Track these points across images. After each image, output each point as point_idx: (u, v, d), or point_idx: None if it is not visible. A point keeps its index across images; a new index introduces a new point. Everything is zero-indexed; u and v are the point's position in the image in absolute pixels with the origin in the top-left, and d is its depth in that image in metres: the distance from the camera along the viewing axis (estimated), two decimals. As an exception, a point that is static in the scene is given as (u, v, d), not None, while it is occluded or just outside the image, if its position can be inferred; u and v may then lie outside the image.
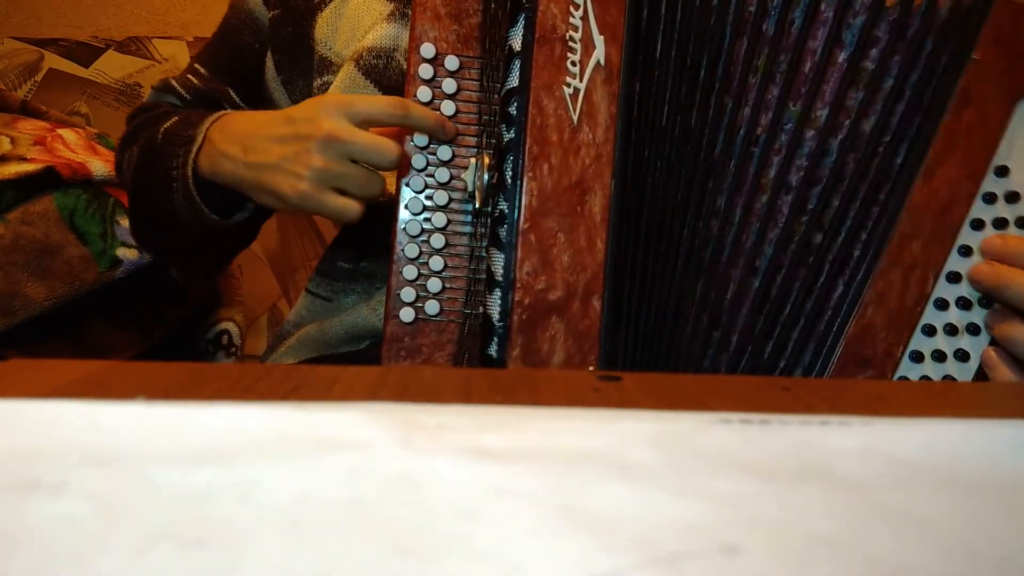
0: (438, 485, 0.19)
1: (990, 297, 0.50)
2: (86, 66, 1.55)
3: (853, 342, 0.51)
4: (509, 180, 0.49)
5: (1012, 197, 0.51)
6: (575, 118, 0.49)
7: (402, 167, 0.54)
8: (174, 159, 0.63)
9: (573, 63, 0.49)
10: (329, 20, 0.69)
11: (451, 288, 0.54)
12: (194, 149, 0.62)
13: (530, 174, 0.49)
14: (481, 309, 0.50)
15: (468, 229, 0.54)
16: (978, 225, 0.51)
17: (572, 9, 0.49)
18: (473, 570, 0.16)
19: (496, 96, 0.52)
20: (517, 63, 0.49)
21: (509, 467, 0.21)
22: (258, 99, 0.75)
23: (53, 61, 1.55)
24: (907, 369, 0.51)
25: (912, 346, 0.51)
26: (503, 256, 0.49)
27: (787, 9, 0.51)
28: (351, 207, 0.55)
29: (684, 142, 0.52)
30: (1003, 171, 0.51)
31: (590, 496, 0.19)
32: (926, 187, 0.50)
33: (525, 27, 0.49)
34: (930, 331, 0.51)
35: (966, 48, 0.50)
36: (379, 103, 0.53)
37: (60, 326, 1.01)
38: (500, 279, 0.49)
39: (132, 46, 1.57)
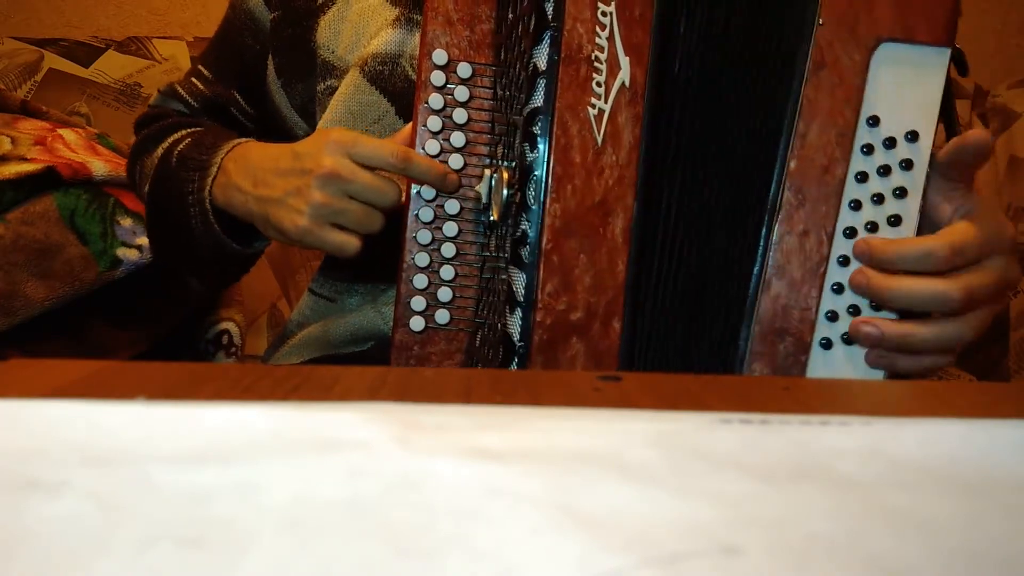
0: (438, 485, 0.19)
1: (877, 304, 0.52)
2: (86, 66, 1.55)
3: (767, 315, 0.52)
4: (532, 200, 0.49)
5: (889, 143, 0.52)
6: (599, 139, 0.49)
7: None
8: (189, 184, 0.64)
9: (598, 84, 0.49)
10: (332, 23, 0.69)
11: (461, 297, 0.54)
12: (209, 179, 0.63)
13: (553, 195, 0.49)
14: (500, 326, 0.50)
15: (479, 239, 0.54)
16: (863, 178, 0.52)
17: (598, 29, 0.49)
18: (473, 570, 0.16)
19: (511, 106, 0.52)
20: (542, 82, 0.49)
21: (509, 467, 0.21)
22: (263, 102, 0.75)
23: (53, 61, 1.55)
24: (825, 329, 0.52)
25: (825, 306, 0.52)
26: (524, 276, 0.49)
27: (754, 16, 0.52)
28: (349, 243, 0.55)
29: (703, 164, 0.52)
30: (875, 120, 0.52)
31: (590, 496, 0.19)
32: (801, 155, 0.52)
33: (551, 46, 0.49)
34: (839, 289, 0.52)
35: (811, 16, 0.51)
36: (382, 150, 0.52)
37: (60, 326, 1.01)
38: (521, 299, 0.49)
39: (132, 46, 1.57)
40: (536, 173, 0.49)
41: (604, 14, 0.49)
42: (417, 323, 0.53)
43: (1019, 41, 1.65)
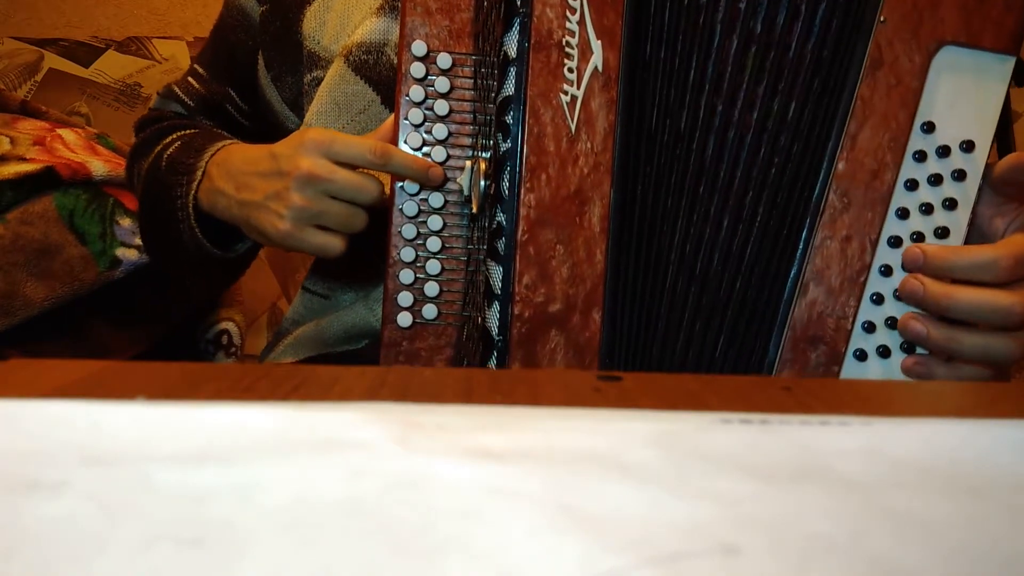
0: (438, 485, 0.19)
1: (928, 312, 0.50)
2: (86, 66, 1.55)
3: (800, 322, 0.50)
4: (506, 191, 0.48)
5: (943, 151, 0.50)
6: (573, 127, 0.48)
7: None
8: (177, 188, 0.65)
9: (570, 69, 0.48)
10: (317, 14, 0.69)
11: (448, 292, 0.53)
12: (194, 184, 0.63)
13: (527, 185, 0.48)
14: (479, 320, 0.50)
15: (465, 232, 0.53)
16: (912, 185, 0.50)
17: (568, 13, 0.48)
18: (472, 570, 0.16)
19: (491, 95, 0.51)
20: (512, 70, 0.48)
21: (508, 467, 0.21)
22: (256, 98, 0.75)
23: (53, 61, 1.55)
24: (861, 340, 0.51)
25: (862, 316, 0.50)
26: (501, 269, 0.48)
27: (772, 4, 0.50)
28: (333, 244, 0.55)
29: (673, 146, 0.51)
30: (930, 127, 0.50)
31: (590, 496, 0.19)
32: (850, 157, 0.50)
33: (520, 32, 0.48)
34: (879, 299, 0.50)
35: (872, 11, 0.49)
36: (360, 148, 0.52)
37: (60, 326, 1.01)
38: (499, 292, 0.48)
39: (132, 46, 1.57)
40: (510, 163, 0.48)
41: None
42: (405, 319, 0.53)
43: (1019, 41, 1.65)
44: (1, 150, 1.02)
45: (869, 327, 0.51)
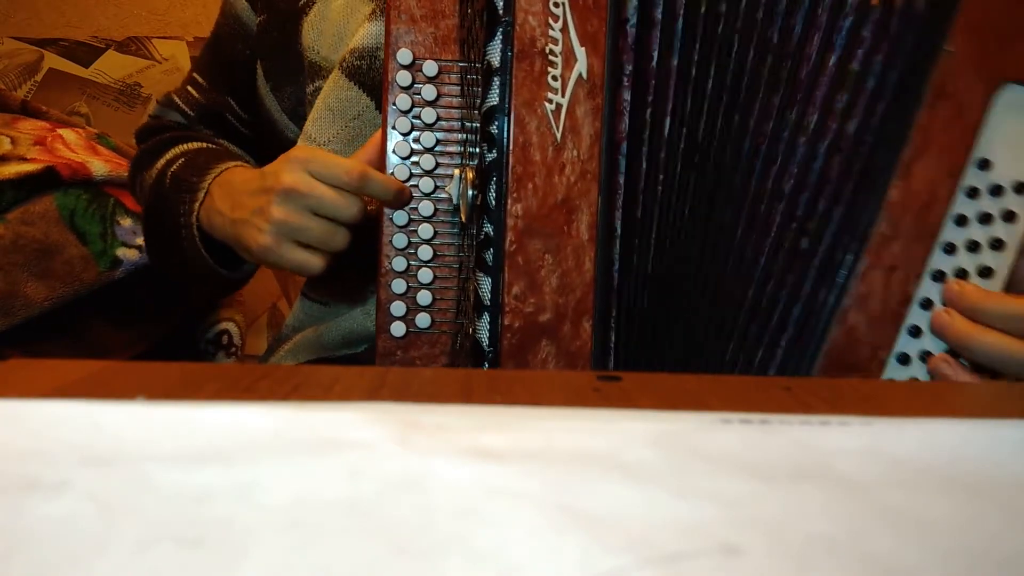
0: (438, 485, 0.19)
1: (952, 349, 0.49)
2: (86, 66, 1.55)
3: (836, 347, 0.50)
4: (493, 202, 0.48)
5: (996, 190, 0.50)
6: (558, 135, 0.48)
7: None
8: (181, 205, 0.65)
9: (554, 77, 0.47)
10: (314, 24, 0.68)
11: (441, 300, 0.53)
12: (197, 204, 0.64)
13: (514, 195, 0.47)
14: (471, 330, 0.50)
15: (456, 240, 0.53)
16: (962, 221, 0.50)
17: (551, 21, 0.47)
18: (472, 570, 0.16)
19: (478, 103, 0.51)
20: (496, 80, 0.47)
21: (508, 467, 0.21)
22: (255, 107, 0.75)
23: (53, 61, 1.55)
24: (894, 371, 0.50)
25: (898, 348, 0.50)
26: (490, 280, 0.48)
27: (789, 16, 0.50)
28: (313, 262, 0.55)
29: (691, 155, 0.51)
30: (985, 164, 0.50)
31: (590, 496, 0.19)
32: (903, 186, 0.49)
33: (503, 41, 0.47)
34: (916, 332, 0.50)
35: (939, 40, 0.49)
36: (338, 169, 0.52)
37: (60, 326, 1.01)
38: (488, 303, 0.48)
39: (132, 46, 1.57)
40: (496, 174, 0.48)
41: (556, 4, 0.47)
42: (398, 328, 0.53)
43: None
44: (2, 150, 1.02)
45: (903, 359, 0.50)
